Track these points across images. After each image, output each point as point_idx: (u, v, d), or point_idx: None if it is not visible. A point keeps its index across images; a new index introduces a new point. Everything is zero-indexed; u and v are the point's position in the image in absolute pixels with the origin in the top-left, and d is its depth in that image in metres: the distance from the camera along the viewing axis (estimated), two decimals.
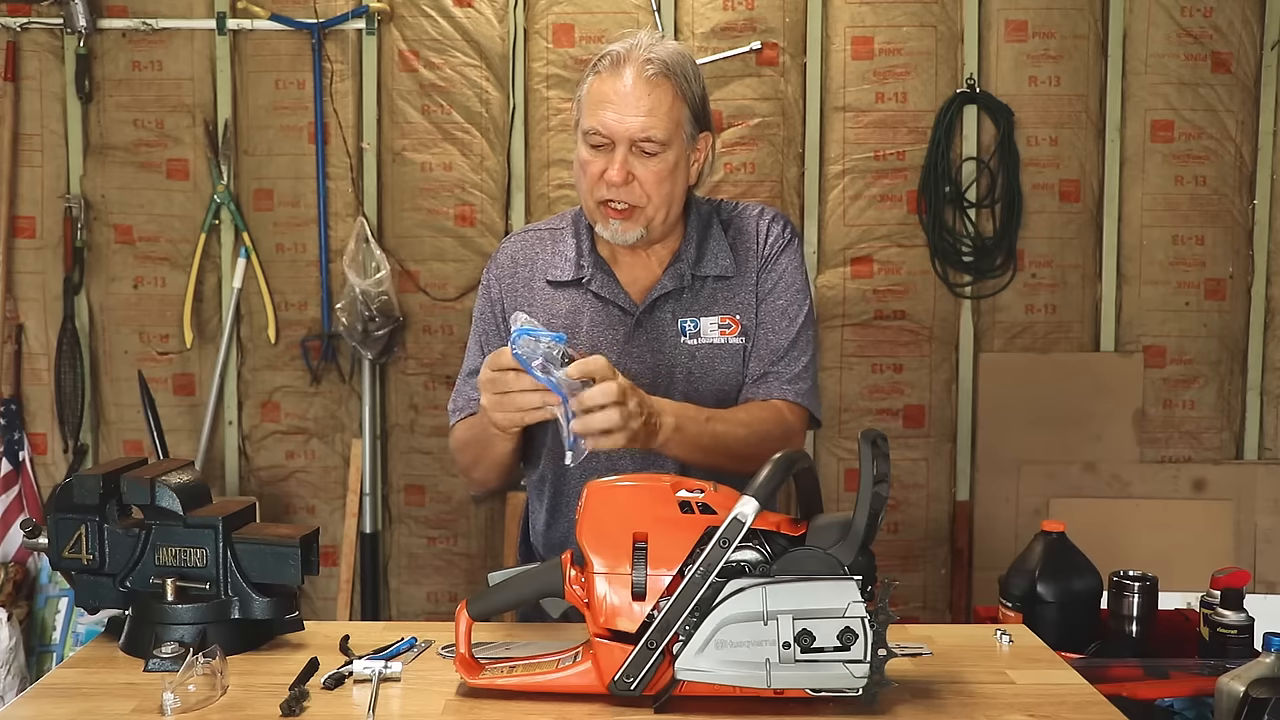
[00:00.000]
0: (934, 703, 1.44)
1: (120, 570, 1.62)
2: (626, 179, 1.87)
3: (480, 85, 3.77)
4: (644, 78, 1.85)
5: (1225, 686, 1.53)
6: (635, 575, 1.37)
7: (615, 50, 1.88)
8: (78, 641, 3.67)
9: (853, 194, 3.77)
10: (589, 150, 1.89)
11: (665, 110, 1.86)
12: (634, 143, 1.86)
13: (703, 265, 1.97)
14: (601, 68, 1.89)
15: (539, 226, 2.11)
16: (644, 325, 1.96)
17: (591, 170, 1.90)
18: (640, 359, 1.94)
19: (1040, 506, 3.70)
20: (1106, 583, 2.09)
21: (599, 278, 1.97)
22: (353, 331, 3.69)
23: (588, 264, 1.98)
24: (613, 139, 1.86)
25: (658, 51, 1.87)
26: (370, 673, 1.49)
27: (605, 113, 1.86)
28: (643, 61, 1.86)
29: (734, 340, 1.96)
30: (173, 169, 3.82)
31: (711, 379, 1.95)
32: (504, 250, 2.08)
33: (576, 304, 1.98)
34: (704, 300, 1.97)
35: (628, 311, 1.96)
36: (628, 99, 1.85)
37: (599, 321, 1.96)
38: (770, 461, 1.41)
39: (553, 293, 2.00)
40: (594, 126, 1.87)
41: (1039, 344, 3.81)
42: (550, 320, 1.97)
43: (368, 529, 3.82)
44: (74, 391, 3.82)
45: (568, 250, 2.01)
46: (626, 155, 1.86)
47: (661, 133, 1.86)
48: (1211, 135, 3.75)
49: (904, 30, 3.74)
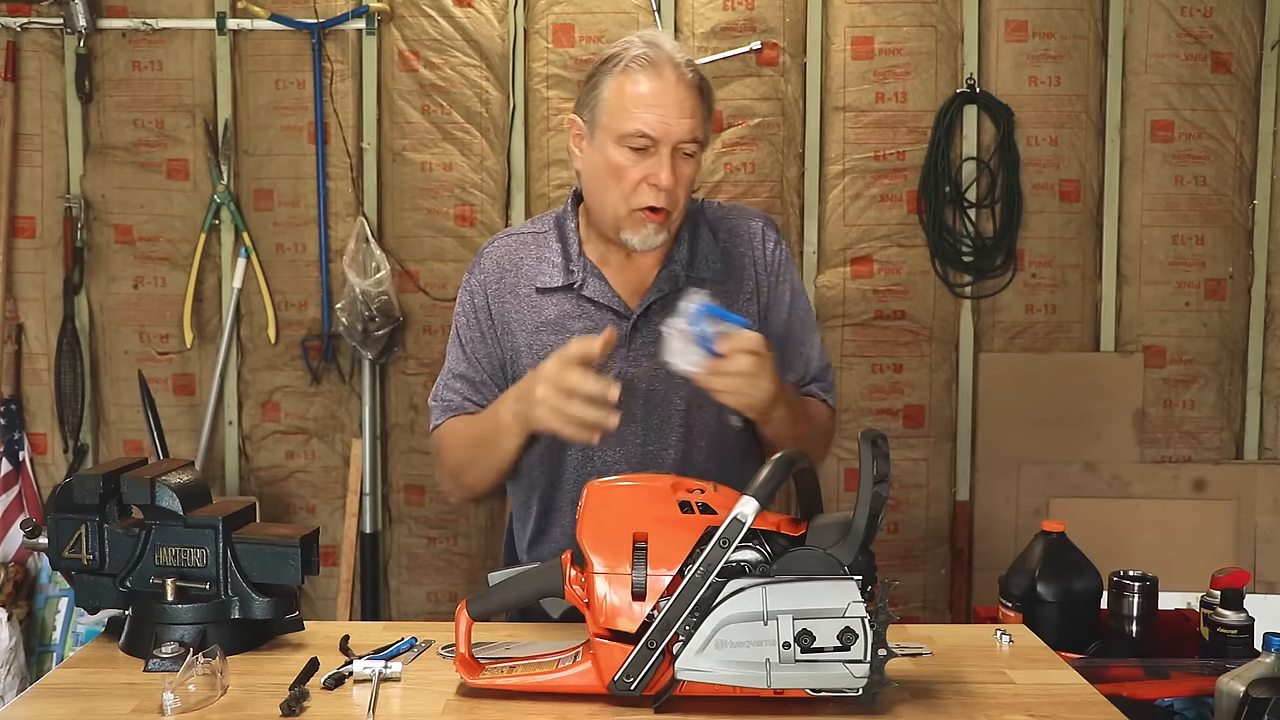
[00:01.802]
0: (934, 703, 1.44)
1: (120, 570, 1.61)
2: (674, 184, 1.83)
3: (480, 85, 3.77)
4: (685, 80, 1.82)
5: (1225, 686, 1.53)
6: (635, 575, 1.37)
7: (643, 51, 1.83)
8: (78, 641, 3.67)
9: (853, 194, 3.77)
10: (627, 154, 1.83)
11: (702, 114, 1.85)
12: (678, 145, 1.83)
13: (695, 267, 1.96)
14: (635, 67, 1.83)
15: (520, 230, 2.07)
16: (640, 329, 1.94)
17: (631, 175, 1.84)
18: (637, 362, 1.93)
19: (1040, 506, 3.70)
20: (1106, 583, 2.09)
21: (591, 282, 1.94)
22: (353, 331, 3.69)
23: (578, 268, 1.95)
24: (659, 142, 1.81)
25: (685, 54, 1.86)
26: (370, 673, 1.49)
27: (650, 114, 1.81)
28: (683, 63, 1.83)
29: None
30: (173, 169, 3.82)
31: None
32: (487, 255, 2.04)
33: (565, 309, 1.95)
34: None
35: (622, 315, 1.94)
36: (673, 101, 1.81)
37: (591, 327, 1.93)
38: (770, 461, 1.41)
39: (539, 299, 1.97)
40: (638, 129, 1.81)
41: (1039, 344, 3.81)
42: (539, 326, 1.95)
43: (368, 529, 3.82)
44: (74, 391, 3.82)
45: (553, 255, 1.98)
46: (671, 158, 1.83)
47: (701, 134, 1.84)
48: (1211, 135, 3.75)
49: (904, 30, 3.74)
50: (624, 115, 1.83)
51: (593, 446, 1.90)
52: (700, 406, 1.92)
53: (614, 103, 1.84)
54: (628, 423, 1.90)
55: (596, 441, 1.72)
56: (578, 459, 1.95)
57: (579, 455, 1.94)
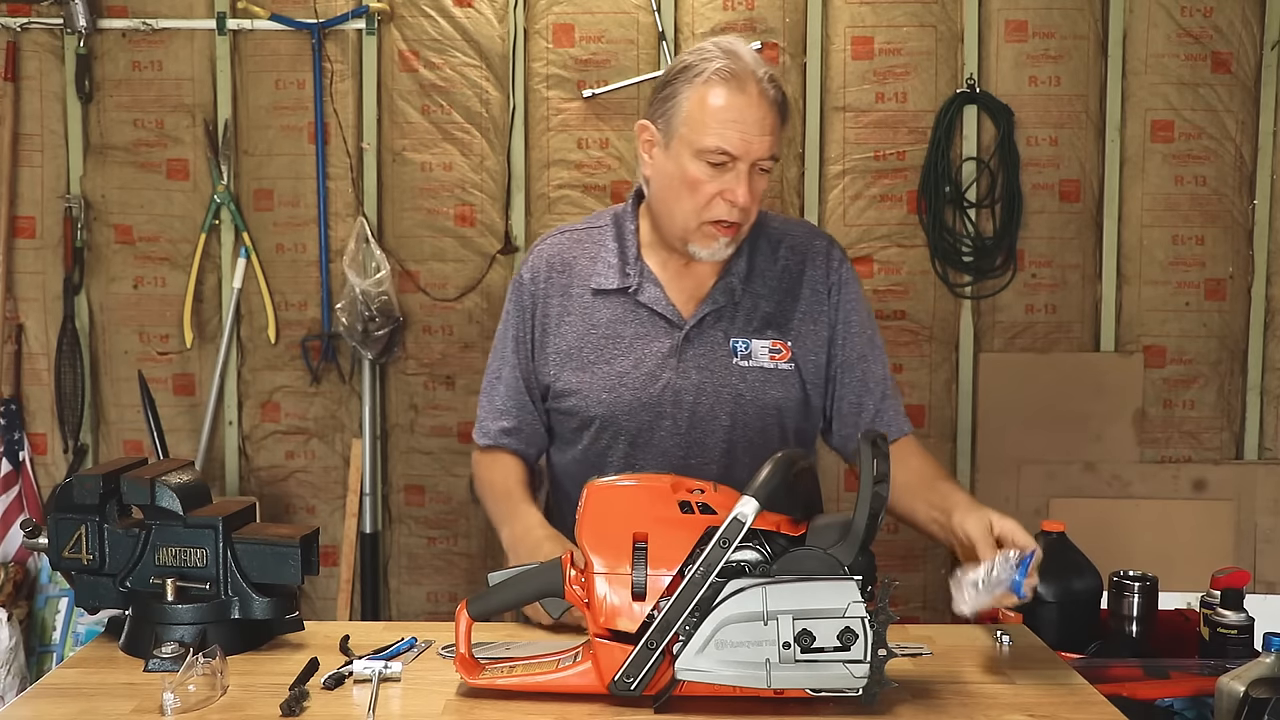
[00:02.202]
0: (934, 703, 1.44)
1: (120, 570, 1.62)
2: (750, 201, 1.82)
3: (480, 85, 3.77)
4: (767, 97, 1.80)
5: (1225, 686, 1.53)
6: (635, 575, 1.37)
7: (726, 64, 1.80)
8: (78, 641, 3.67)
9: (853, 194, 3.77)
10: (705, 168, 1.81)
11: (780, 130, 1.84)
12: (756, 162, 1.81)
13: (752, 281, 1.92)
14: (717, 79, 1.79)
15: (575, 227, 2.03)
16: (693, 341, 1.90)
17: (706, 189, 1.82)
18: (686, 375, 1.89)
19: (1040, 506, 3.70)
20: (1106, 583, 2.09)
21: (647, 288, 1.91)
22: (353, 331, 3.69)
23: (634, 272, 1.92)
24: (738, 159, 1.80)
25: (765, 66, 1.83)
26: (370, 673, 1.49)
27: (731, 130, 1.78)
28: (764, 78, 1.80)
29: (784, 366, 1.92)
30: (173, 169, 3.82)
31: (760, 403, 1.91)
32: (539, 253, 2.01)
33: (619, 313, 1.93)
34: (757, 321, 1.92)
35: (675, 325, 1.90)
36: (755, 119, 1.79)
37: (643, 333, 1.91)
38: (770, 461, 1.41)
39: (593, 300, 1.94)
40: (718, 145, 1.79)
41: (1039, 344, 3.81)
42: (590, 328, 1.93)
43: (368, 529, 3.82)
44: (74, 391, 3.82)
45: (609, 254, 1.95)
46: (748, 174, 1.81)
47: (778, 150, 1.83)
48: (1211, 135, 3.75)
49: (904, 30, 3.74)
50: (704, 129, 1.80)
51: (635, 458, 1.90)
52: (745, 424, 1.90)
53: (694, 115, 1.81)
54: (672, 435, 1.90)
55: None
56: (619, 469, 1.92)
57: (621, 467, 1.92)
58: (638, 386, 1.90)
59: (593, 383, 1.92)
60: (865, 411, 1.96)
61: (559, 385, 1.95)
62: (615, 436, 1.93)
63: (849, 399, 1.96)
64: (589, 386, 1.92)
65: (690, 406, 1.90)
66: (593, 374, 1.92)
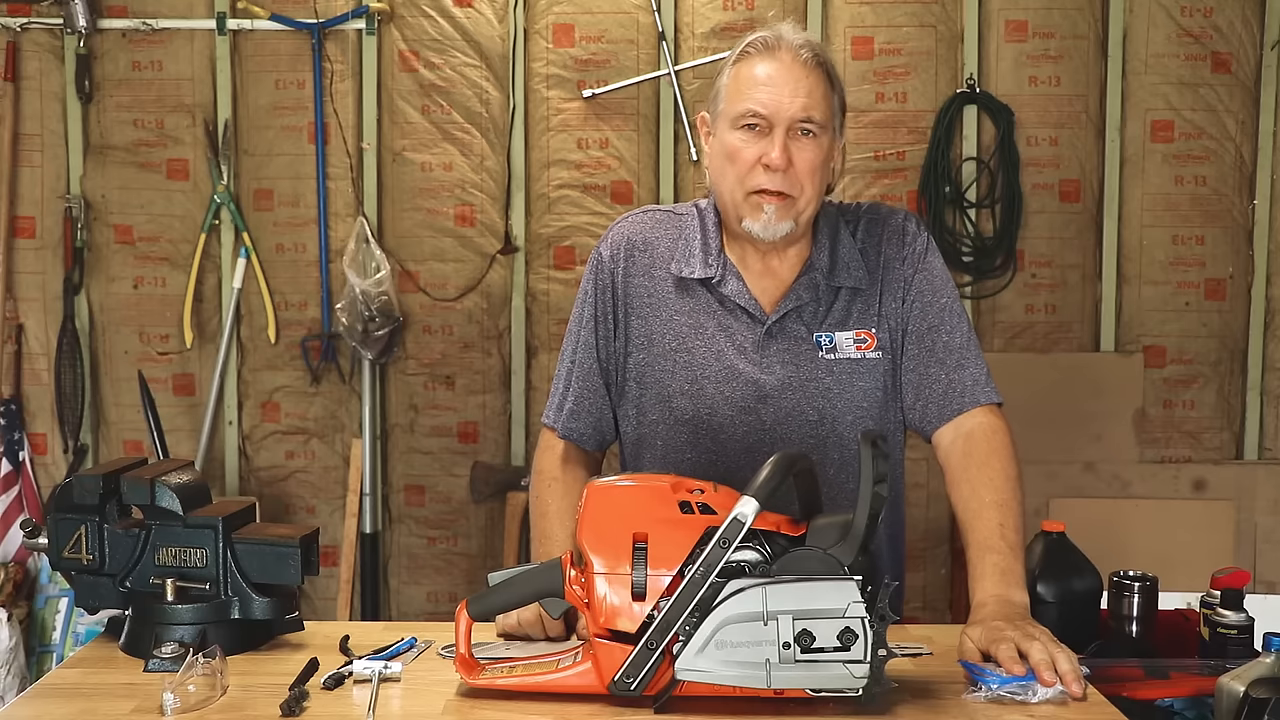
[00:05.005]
0: (934, 703, 1.44)
1: (120, 570, 1.62)
2: (787, 163, 1.77)
3: (480, 85, 3.77)
4: (800, 60, 1.78)
5: (1225, 686, 1.52)
6: (635, 575, 1.37)
7: (763, 36, 1.80)
8: (78, 641, 3.67)
9: (853, 194, 3.77)
10: (742, 135, 1.78)
11: (821, 94, 1.79)
12: (793, 125, 1.77)
13: (836, 275, 1.87)
14: (751, 51, 1.80)
15: (657, 209, 1.99)
16: (775, 336, 1.86)
17: (745, 156, 1.78)
18: (771, 370, 1.85)
19: (1040, 506, 3.69)
20: (1106, 583, 2.09)
21: (730, 280, 1.87)
22: (353, 331, 3.69)
23: (717, 263, 1.87)
24: (771, 121, 1.77)
25: (808, 38, 1.81)
26: (370, 673, 1.49)
27: (762, 92, 1.76)
28: (798, 46, 1.78)
29: (870, 355, 1.86)
30: (173, 169, 3.82)
31: (849, 395, 1.86)
32: (619, 230, 1.95)
33: (700, 305, 1.88)
34: (838, 313, 1.87)
35: (757, 320, 1.86)
36: (786, 80, 1.77)
37: (726, 327, 1.86)
38: (770, 461, 1.40)
39: (675, 292, 1.89)
40: (750, 108, 1.76)
41: (1039, 344, 3.81)
42: (671, 317, 1.88)
43: (368, 529, 3.82)
44: (74, 391, 3.82)
45: (692, 241, 1.90)
46: (785, 138, 1.77)
47: (820, 114, 1.78)
48: (1211, 135, 3.75)
49: (904, 30, 3.74)
50: (738, 98, 1.79)
51: (716, 453, 1.86)
52: (834, 418, 1.85)
53: (731, 89, 1.80)
54: (757, 431, 1.85)
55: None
56: (700, 464, 1.87)
57: (702, 460, 1.87)
58: (719, 380, 1.85)
59: (674, 371, 1.87)
60: (936, 383, 1.88)
61: (637, 368, 1.91)
62: (696, 432, 1.87)
63: (916, 370, 1.89)
64: (670, 376, 1.88)
65: (775, 402, 1.85)
66: (674, 362, 1.88)
